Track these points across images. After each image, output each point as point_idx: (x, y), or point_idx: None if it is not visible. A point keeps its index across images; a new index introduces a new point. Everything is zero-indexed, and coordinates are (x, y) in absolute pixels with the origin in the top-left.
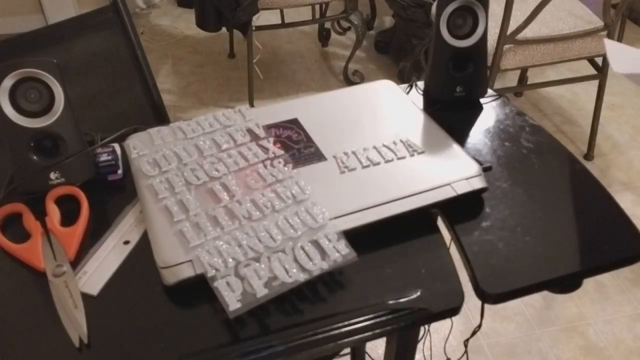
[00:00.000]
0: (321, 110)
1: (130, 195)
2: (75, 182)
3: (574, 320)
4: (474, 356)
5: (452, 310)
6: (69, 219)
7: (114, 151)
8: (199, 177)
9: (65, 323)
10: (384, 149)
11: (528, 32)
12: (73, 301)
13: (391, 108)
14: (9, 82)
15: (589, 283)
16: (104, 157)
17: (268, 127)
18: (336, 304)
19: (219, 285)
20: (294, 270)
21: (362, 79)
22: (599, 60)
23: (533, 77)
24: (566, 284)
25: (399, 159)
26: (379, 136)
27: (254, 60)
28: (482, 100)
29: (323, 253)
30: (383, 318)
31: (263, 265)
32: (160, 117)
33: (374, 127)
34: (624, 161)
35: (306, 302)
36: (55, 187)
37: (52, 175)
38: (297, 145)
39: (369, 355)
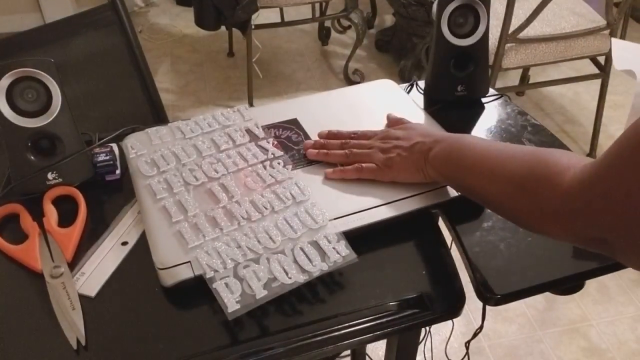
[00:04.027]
0: (321, 110)
1: (129, 196)
2: (72, 183)
3: (576, 321)
4: (476, 358)
5: (453, 312)
6: (66, 219)
7: (111, 151)
8: (197, 177)
9: (63, 325)
10: None
11: (530, 31)
12: (70, 302)
13: (392, 107)
14: (6, 81)
15: (591, 284)
16: (101, 157)
17: (267, 127)
18: (336, 305)
19: (218, 286)
20: (294, 272)
21: (363, 78)
22: (602, 59)
23: (535, 76)
24: (568, 285)
25: None
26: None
27: (254, 59)
28: (483, 100)
29: (323, 254)
30: (383, 320)
31: (262, 267)
32: (158, 116)
33: (375, 127)
34: None
35: (306, 304)
36: (52, 188)
37: (50, 176)
38: (296, 145)
39: (369, 357)
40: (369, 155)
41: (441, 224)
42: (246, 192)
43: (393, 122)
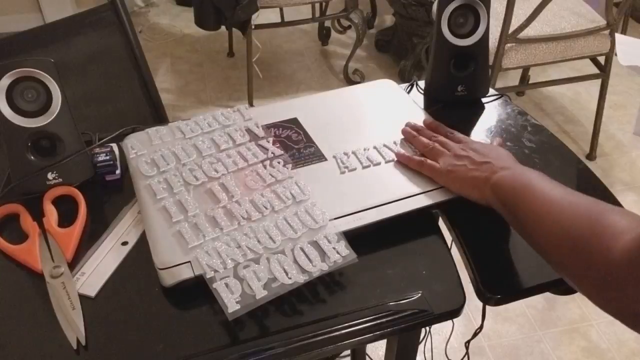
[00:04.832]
0: (321, 110)
1: (129, 196)
2: (73, 183)
3: (576, 321)
4: (476, 358)
5: (453, 312)
6: (66, 219)
7: (112, 151)
8: (197, 177)
9: (63, 325)
10: (385, 148)
11: (530, 31)
12: (71, 302)
13: (392, 107)
14: (6, 81)
15: None
16: (101, 157)
17: (267, 127)
18: (336, 305)
19: (218, 286)
20: (294, 272)
21: (363, 78)
22: (602, 59)
23: (535, 76)
24: (568, 285)
25: None
26: (379, 136)
27: (254, 59)
28: (483, 100)
29: (323, 254)
30: (384, 319)
31: (262, 267)
32: (158, 116)
33: (375, 127)
34: (626, 161)
35: (306, 304)
36: (52, 188)
37: (50, 176)
38: (296, 145)
39: (369, 357)
40: (442, 154)
41: (441, 224)
42: (246, 191)
43: (496, 141)
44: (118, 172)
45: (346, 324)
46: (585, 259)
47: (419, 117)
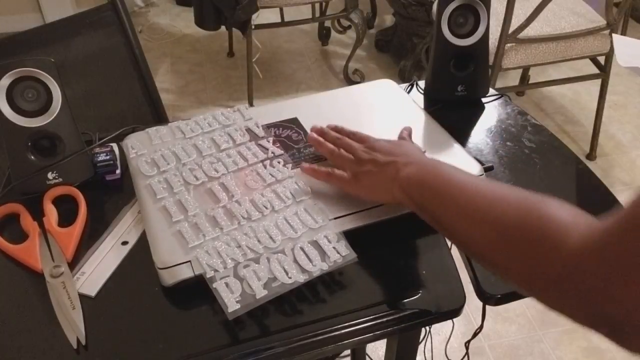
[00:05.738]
0: (321, 110)
1: (129, 196)
2: (73, 182)
3: None
4: (476, 358)
5: (453, 312)
6: (66, 219)
7: (112, 151)
8: (197, 177)
9: (63, 324)
10: None
11: (530, 31)
12: (71, 302)
13: (392, 107)
14: (6, 81)
15: None
16: (102, 157)
17: (267, 127)
18: (336, 304)
19: (218, 286)
20: (294, 271)
21: (363, 78)
22: (602, 59)
23: (535, 76)
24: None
25: None
26: (379, 136)
27: (254, 59)
28: (483, 100)
29: (323, 254)
30: (384, 319)
31: (262, 266)
32: (158, 116)
33: (374, 127)
34: (626, 161)
35: (306, 303)
36: (52, 187)
37: (50, 175)
38: (297, 144)
39: (369, 357)
40: (348, 161)
41: None
42: (246, 191)
43: (401, 134)
44: (118, 171)
45: (346, 324)
46: (532, 258)
47: (419, 117)
